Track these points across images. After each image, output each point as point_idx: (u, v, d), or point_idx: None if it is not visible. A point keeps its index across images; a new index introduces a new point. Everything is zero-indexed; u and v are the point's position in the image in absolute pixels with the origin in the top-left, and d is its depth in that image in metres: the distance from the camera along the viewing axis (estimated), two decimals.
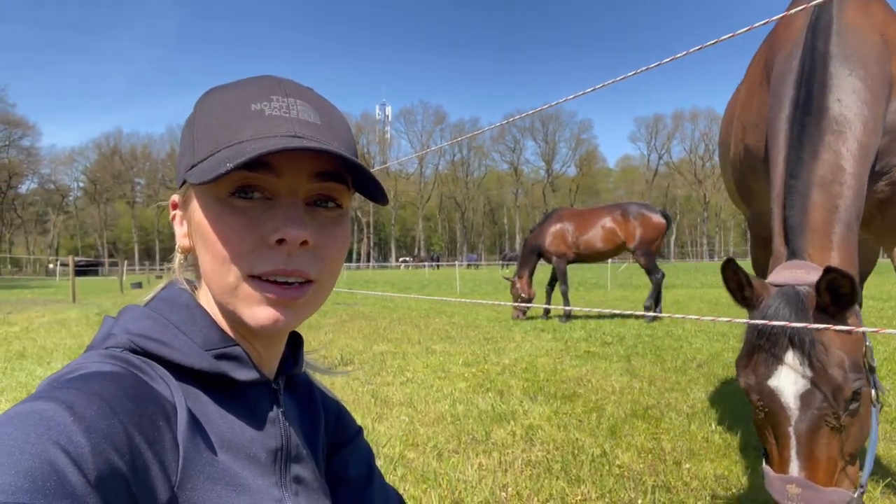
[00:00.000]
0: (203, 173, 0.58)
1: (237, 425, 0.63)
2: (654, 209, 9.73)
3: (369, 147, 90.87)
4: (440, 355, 6.30)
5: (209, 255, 0.62)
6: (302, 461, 0.70)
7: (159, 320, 0.62)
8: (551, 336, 7.69)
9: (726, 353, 6.05)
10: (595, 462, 2.99)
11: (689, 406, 4.02)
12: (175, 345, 0.60)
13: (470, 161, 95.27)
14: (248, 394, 0.66)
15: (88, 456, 0.44)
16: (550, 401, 4.24)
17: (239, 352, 0.64)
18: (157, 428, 0.52)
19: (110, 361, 0.56)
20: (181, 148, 0.66)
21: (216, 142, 0.61)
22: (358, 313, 11.20)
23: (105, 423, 0.47)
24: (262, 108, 0.61)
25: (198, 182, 0.58)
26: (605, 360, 5.86)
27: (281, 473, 0.66)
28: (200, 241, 0.63)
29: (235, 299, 0.62)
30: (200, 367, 0.60)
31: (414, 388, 4.75)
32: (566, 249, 9.78)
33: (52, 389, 0.50)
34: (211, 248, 0.61)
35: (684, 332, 7.70)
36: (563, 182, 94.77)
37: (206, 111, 0.64)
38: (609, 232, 9.57)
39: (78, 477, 0.43)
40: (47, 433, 0.44)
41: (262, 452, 0.64)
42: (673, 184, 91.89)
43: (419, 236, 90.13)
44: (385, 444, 3.29)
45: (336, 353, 6.51)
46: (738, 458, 3.00)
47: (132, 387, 0.53)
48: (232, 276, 0.61)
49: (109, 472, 0.45)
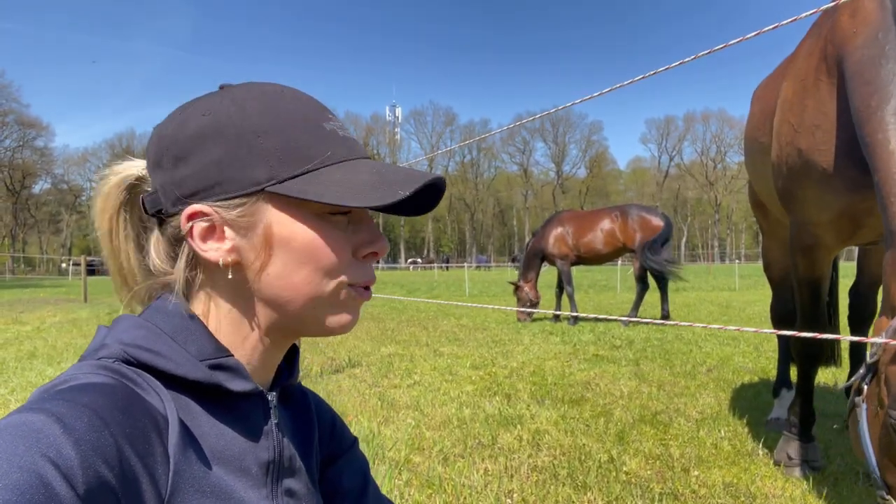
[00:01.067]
0: (349, 195, 0.60)
1: (230, 437, 0.62)
2: (653, 211, 9.68)
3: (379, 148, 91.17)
4: (448, 358, 6.29)
5: (309, 268, 0.64)
6: (295, 474, 0.69)
7: (153, 330, 0.61)
8: (560, 339, 7.66)
9: (736, 358, 6.00)
10: (602, 468, 2.96)
11: (698, 412, 3.99)
12: (168, 355, 0.59)
13: (480, 162, 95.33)
14: (241, 405, 0.65)
15: (78, 469, 0.44)
16: (558, 405, 4.21)
17: (234, 362, 0.63)
18: (147, 440, 0.52)
19: (102, 373, 0.55)
20: (216, 151, 0.62)
21: (308, 157, 0.62)
22: (366, 314, 11.21)
23: (95, 435, 0.47)
24: (334, 129, 0.66)
25: (368, 205, 0.60)
26: (614, 364, 5.82)
27: (272, 486, 0.65)
28: (287, 255, 0.64)
29: (327, 307, 0.66)
30: (195, 378, 0.59)
31: (421, 390, 4.73)
32: (568, 251, 9.81)
33: (41, 401, 0.49)
34: (313, 262, 0.64)
35: (694, 336, 7.64)
36: (573, 184, 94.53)
37: (277, 123, 0.63)
38: (608, 234, 9.58)
39: (67, 490, 0.42)
40: (36, 445, 0.43)
41: (254, 465, 0.63)
42: (684, 186, 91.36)
43: (428, 237, 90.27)
44: (391, 448, 3.28)
45: (344, 354, 6.51)
46: (748, 466, 2.96)
47: (123, 398, 0.52)
48: (332, 286, 0.65)
49: (99, 485, 0.45)
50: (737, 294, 16.33)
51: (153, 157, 0.65)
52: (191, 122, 0.63)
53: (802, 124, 2.36)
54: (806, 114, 2.35)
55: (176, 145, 0.63)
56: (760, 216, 3.86)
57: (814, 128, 2.30)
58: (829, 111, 2.23)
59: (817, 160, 2.29)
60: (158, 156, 0.64)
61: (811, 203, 2.46)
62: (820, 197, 2.38)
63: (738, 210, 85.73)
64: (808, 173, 2.36)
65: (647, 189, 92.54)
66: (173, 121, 0.65)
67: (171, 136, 0.64)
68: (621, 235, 9.49)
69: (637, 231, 9.35)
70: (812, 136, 2.31)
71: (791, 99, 2.48)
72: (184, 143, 0.62)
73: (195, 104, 0.65)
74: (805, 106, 2.36)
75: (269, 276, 0.64)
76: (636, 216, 9.47)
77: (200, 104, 0.65)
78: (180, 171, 0.62)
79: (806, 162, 2.36)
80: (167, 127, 0.65)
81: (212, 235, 0.63)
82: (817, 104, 2.29)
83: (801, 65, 2.49)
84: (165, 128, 0.65)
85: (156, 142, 0.65)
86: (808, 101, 2.34)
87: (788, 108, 2.49)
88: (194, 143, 0.62)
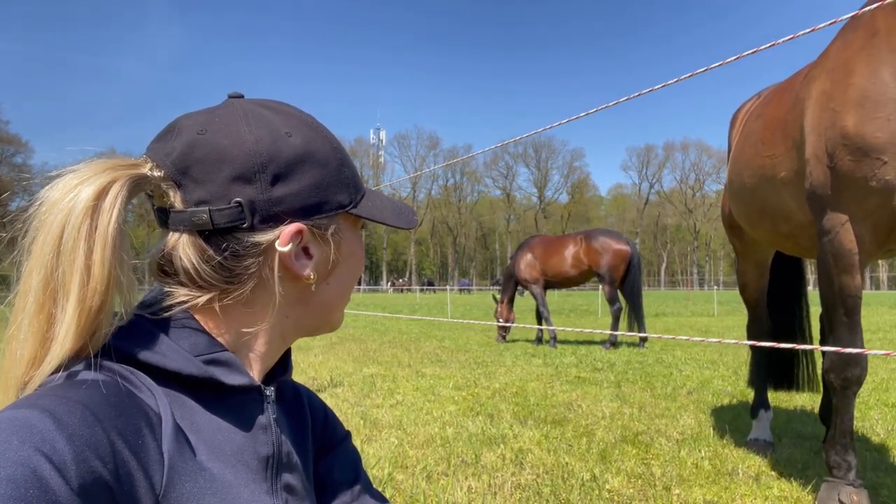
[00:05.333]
0: (394, 216, 0.78)
1: (228, 432, 0.62)
2: (618, 236, 9.87)
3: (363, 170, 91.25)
4: (430, 378, 6.27)
5: (356, 276, 0.77)
6: (293, 469, 0.70)
7: (145, 327, 0.61)
8: (542, 361, 7.68)
9: (716, 381, 6.06)
10: (585, 486, 2.98)
11: (678, 432, 4.02)
12: (161, 351, 0.59)
13: (463, 186, 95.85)
14: (239, 400, 0.65)
15: (71, 463, 0.44)
16: (540, 425, 4.22)
17: (229, 357, 0.64)
18: (140, 436, 0.52)
19: (94, 370, 0.55)
20: (329, 181, 0.69)
21: (361, 186, 0.74)
22: (348, 335, 11.14)
23: (88, 430, 0.47)
24: None
25: (405, 227, 0.78)
26: (596, 386, 5.85)
27: (272, 481, 0.65)
28: (349, 268, 0.75)
29: (340, 310, 0.78)
30: (189, 373, 0.59)
31: (404, 410, 4.72)
32: (538, 276, 10.02)
33: (35, 397, 0.50)
34: (359, 270, 0.77)
35: (674, 360, 7.71)
36: (554, 209, 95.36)
37: (346, 155, 0.74)
38: (574, 258, 9.75)
39: (61, 484, 0.43)
40: (30, 440, 0.44)
41: (254, 459, 0.63)
42: (664, 213, 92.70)
43: (411, 260, 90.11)
44: (374, 466, 3.26)
45: (326, 374, 6.46)
46: (728, 485, 3.00)
47: (115, 395, 0.53)
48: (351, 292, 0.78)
49: (93, 480, 0.45)
50: (715, 320, 16.51)
51: (238, 170, 0.62)
52: (281, 143, 0.64)
53: (847, 101, 2.33)
54: (850, 91, 2.32)
55: (274, 164, 0.63)
56: (735, 238, 3.92)
57: (863, 100, 2.27)
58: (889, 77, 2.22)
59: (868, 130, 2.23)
60: (249, 170, 0.62)
61: (858, 189, 2.32)
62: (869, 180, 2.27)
63: (716, 237, 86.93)
64: (858, 152, 2.28)
65: (627, 215, 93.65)
66: (241, 136, 0.63)
67: (265, 153, 0.63)
68: (586, 258, 9.66)
69: (599, 255, 9.52)
70: (861, 108, 2.27)
71: (831, 89, 2.44)
72: (284, 163, 0.64)
73: (261, 121, 0.65)
74: (850, 84, 2.33)
75: (329, 286, 0.73)
76: (600, 240, 9.65)
77: (269, 120, 0.66)
78: (279, 190, 0.64)
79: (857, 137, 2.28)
80: (236, 140, 0.63)
81: (304, 252, 0.68)
82: (871, 73, 2.26)
83: (838, 56, 2.47)
84: (234, 141, 0.63)
85: (240, 156, 0.62)
86: (855, 78, 2.32)
87: (828, 98, 2.43)
88: (295, 164, 0.65)
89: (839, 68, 2.44)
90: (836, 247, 2.44)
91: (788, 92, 2.97)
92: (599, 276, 9.61)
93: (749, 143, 3.25)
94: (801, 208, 2.79)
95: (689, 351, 8.74)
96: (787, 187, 2.87)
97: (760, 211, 3.21)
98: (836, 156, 2.36)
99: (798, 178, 2.74)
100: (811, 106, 2.56)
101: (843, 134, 2.32)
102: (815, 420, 4.29)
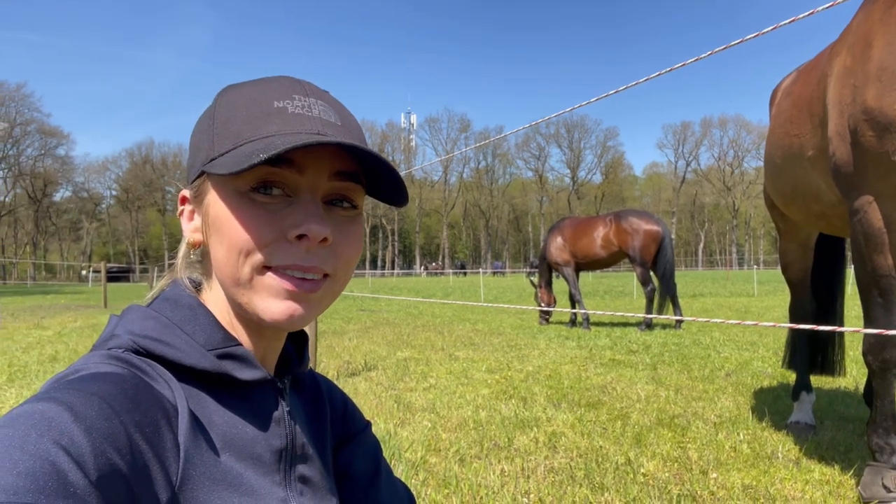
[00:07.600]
0: (230, 164, 0.58)
1: (241, 425, 0.62)
2: (649, 216, 9.68)
3: (394, 155, 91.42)
4: (463, 362, 6.29)
5: (225, 247, 0.62)
6: (308, 460, 0.70)
7: (161, 320, 0.62)
8: (576, 344, 7.63)
9: (755, 363, 5.93)
10: (619, 470, 2.95)
11: (716, 415, 3.95)
12: (177, 345, 0.60)
13: (495, 168, 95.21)
14: (252, 393, 0.66)
15: (89, 456, 0.45)
16: (574, 408, 4.20)
17: (242, 351, 0.64)
18: (157, 429, 0.53)
19: (112, 362, 0.56)
20: (196, 141, 0.67)
21: (238, 135, 0.61)
22: (382, 320, 11.24)
23: (106, 423, 0.48)
24: (284, 106, 0.62)
25: (226, 172, 0.57)
26: (631, 369, 5.78)
27: (285, 473, 0.65)
28: (216, 234, 0.63)
29: (251, 291, 0.62)
30: (203, 367, 0.60)
31: (437, 393, 4.74)
32: (569, 258, 9.95)
33: (53, 391, 0.50)
34: (228, 240, 0.61)
35: (712, 341, 7.57)
36: (588, 189, 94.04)
37: (228, 106, 0.64)
38: (604, 239, 9.65)
39: (79, 476, 0.43)
40: (48, 433, 0.44)
41: (267, 452, 0.64)
42: (701, 191, 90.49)
43: (443, 244, 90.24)
44: (407, 449, 3.29)
45: (360, 358, 6.54)
46: (768, 468, 2.93)
47: (133, 387, 0.53)
48: (248, 268, 0.61)
49: (110, 472, 0.46)
50: (755, 300, 16.14)
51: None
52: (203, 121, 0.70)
53: (867, 74, 2.24)
54: (869, 64, 2.24)
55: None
56: (778, 217, 3.81)
57: (881, 72, 2.18)
58: None
59: (887, 103, 2.15)
60: None
61: (882, 166, 2.23)
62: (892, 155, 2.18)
63: (756, 216, 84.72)
64: (879, 126, 2.19)
65: (663, 194, 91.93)
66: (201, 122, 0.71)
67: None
68: (616, 239, 9.54)
69: (630, 235, 9.37)
70: (879, 81, 2.18)
71: (851, 64, 2.36)
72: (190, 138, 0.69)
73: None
74: (869, 57, 2.24)
75: (214, 259, 0.65)
76: (630, 221, 9.50)
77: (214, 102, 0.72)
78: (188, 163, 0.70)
79: (877, 111, 2.20)
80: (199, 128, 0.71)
81: (190, 217, 0.69)
82: (888, 44, 2.17)
83: (859, 29, 2.39)
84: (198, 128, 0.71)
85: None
86: (874, 51, 2.23)
87: (849, 73, 2.36)
88: (191, 136, 0.69)
89: (859, 41, 2.34)
90: (866, 226, 2.38)
91: (815, 69, 2.86)
92: (630, 257, 9.46)
93: (779, 122, 3.16)
94: (830, 188, 2.70)
95: (728, 332, 8.56)
96: (816, 166, 2.77)
97: (793, 191, 3.11)
98: (858, 132, 2.28)
99: (825, 157, 2.64)
100: (833, 82, 2.47)
101: (863, 109, 2.24)
102: (859, 401, 4.17)
